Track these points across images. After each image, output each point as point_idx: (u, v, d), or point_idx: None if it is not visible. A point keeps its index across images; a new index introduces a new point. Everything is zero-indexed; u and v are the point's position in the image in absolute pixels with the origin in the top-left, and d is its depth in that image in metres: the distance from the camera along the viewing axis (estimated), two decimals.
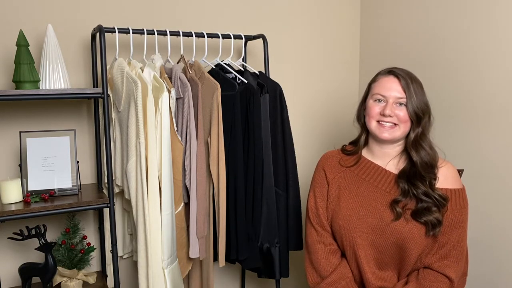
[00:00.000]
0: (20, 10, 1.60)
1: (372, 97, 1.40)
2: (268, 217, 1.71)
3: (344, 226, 1.38)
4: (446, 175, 1.37)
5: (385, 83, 1.38)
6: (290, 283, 2.23)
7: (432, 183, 1.33)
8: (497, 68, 1.65)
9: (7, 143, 1.62)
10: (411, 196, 1.33)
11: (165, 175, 1.52)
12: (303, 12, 2.18)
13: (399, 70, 1.39)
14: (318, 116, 2.27)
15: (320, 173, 1.51)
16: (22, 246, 1.67)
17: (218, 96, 1.59)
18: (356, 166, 1.46)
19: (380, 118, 1.37)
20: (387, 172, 1.41)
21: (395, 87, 1.36)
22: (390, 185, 1.39)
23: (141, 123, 1.46)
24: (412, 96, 1.34)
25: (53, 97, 1.44)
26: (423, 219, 1.29)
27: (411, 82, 1.36)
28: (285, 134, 1.75)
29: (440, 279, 1.31)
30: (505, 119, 1.64)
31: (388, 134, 1.36)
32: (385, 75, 1.40)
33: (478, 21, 1.71)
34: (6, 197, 1.45)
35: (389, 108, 1.35)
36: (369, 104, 1.41)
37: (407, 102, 1.34)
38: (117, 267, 1.55)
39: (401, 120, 1.35)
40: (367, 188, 1.41)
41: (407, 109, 1.34)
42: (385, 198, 1.37)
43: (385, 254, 1.35)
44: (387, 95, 1.36)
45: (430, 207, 1.29)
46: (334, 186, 1.46)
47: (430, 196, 1.30)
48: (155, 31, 1.63)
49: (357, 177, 1.44)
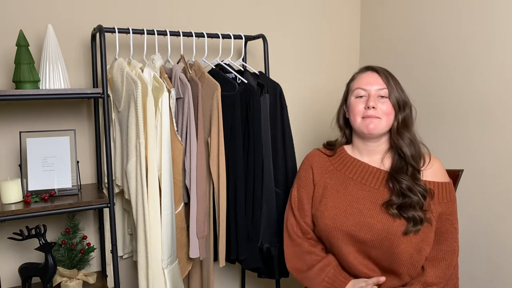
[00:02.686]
0: (20, 10, 1.60)
1: (353, 93, 1.42)
2: (268, 217, 1.71)
3: (331, 225, 1.38)
4: (434, 169, 1.39)
5: (365, 78, 1.41)
6: (290, 283, 2.23)
7: (416, 176, 1.34)
8: (497, 68, 1.65)
9: (7, 143, 1.62)
10: (399, 193, 1.33)
11: (165, 175, 1.52)
12: (303, 12, 2.18)
13: (376, 66, 1.44)
14: (318, 116, 2.27)
15: (307, 172, 1.51)
16: (22, 246, 1.67)
17: (218, 96, 1.59)
18: (343, 166, 1.47)
19: (365, 113, 1.38)
20: (374, 169, 1.42)
21: (376, 79, 1.39)
22: (378, 181, 1.39)
23: (141, 123, 1.46)
24: (393, 87, 1.38)
25: (53, 97, 1.44)
26: (407, 214, 1.30)
27: (389, 75, 1.41)
28: (285, 134, 1.75)
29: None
30: (504, 119, 1.64)
31: (373, 125, 1.37)
32: (363, 72, 1.44)
33: (478, 21, 1.71)
34: (6, 197, 1.45)
35: (372, 100, 1.37)
36: (351, 102, 1.43)
37: (389, 93, 1.37)
38: (117, 267, 1.55)
39: (385, 112, 1.37)
40: (355, 187, 1.41)
41: (390, 99, 1.38)
42: (374, 195, 1.37)
43: (375, 250, 1.34)
44: (368, 88, 1.39)
45: (414, 203, 1.30)
46: (320, 187, 1.47)
47: (413, 191, 1.32)
48: (155, 31, 1.63)
49: (344, 176, 1.44)
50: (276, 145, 1.73)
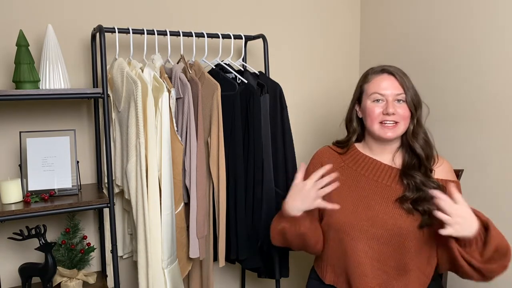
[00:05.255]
0: (20, 10, 1.60)
1: (370, 97, 1.40)
2: (268, 217, 1.71)
3: (343, 220, 1.38)
4: (444, 168, 1.40)
5: (381, 82, 1.39)
6: (290, 283, 2.23)
7: (428, 174, 1.36)
8: (498, 68, 1.65)
9: (7, 143, 1.62)
10: (413, 188, 1.34)
11: (165, 175, 1.52)
12: (303, 12, 2.18)
13: (390, 67, 1.41)
14: (318, 115, 2.27)
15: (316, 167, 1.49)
16: (22, 246, 1.67)
17: (218, 96, 1.59)
18: (354, 163, 1.47)
19: (383, 119, 1.37)
20: (385, 166, 1.42)
21: (392, 83, 1.38)
22: (390, 178, 1.40)
23: (141, 123, 1.46)
24: (409, 89, 1.38)
25: (53, 97, 1.44)
26: (422, 207, 1.31)
27: (404, 76, 1.39)
28: (285, 134, 1.75)
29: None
30: (505, 119, 1.64)
31: (391, 133, 1.37)
32: (378, 74, 1.41)
33: (478, 21, 1.71)
34: (6, 197, 1.45)
35: (391, 106, 1.36)
36: (368, 106, 1.40)
37: (405, 97, 1.37)
38: (117, 267, 1.55)
39: (402, 117, 1.37)
40: (366, 183, 1.41)
41: (407, 103, 1.37)
42: (386, 192, 1.38)
43: (385, 247, 1.34)
44: (386, 93, 1.37)
45: (428, 197, 1.30)
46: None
47: (427, 185, 1.32)
48: (155, 31, 1.63)
49: (356, 173, 1.44)
50: (276, 145, 1.73)
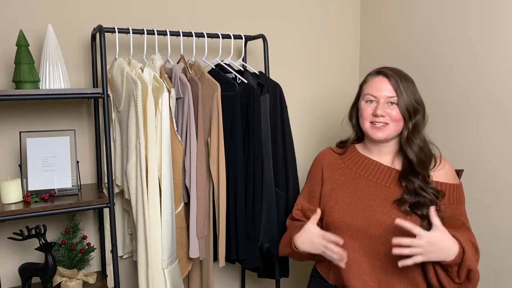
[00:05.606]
0: (20, 10, 1.60)
1: (364, 98, 1.43)
2: (268, 217, 1.71)
3: (340, 219, 1.39)
4: (445, 171, 1.39)
5: (375, 84, 1.40)
6: (290, 283, 2.23)
7: (426, 179, 1.35)
8: (497, 68, 1.65)
9: (7, 143, 1.62)
10: (411, 192, 1.34)
11: (165, 175, 1.52)
12: (303, 12, 2.18)
13: (389, 69, 1.41)
14: (318, 116, 2.27)
15: (316, 169, 1.54)
16: (22, 246, 1.67)
17: (218, 96, 1.59)
18: (354, 164, 1.48)
19: (372, 119, 1.39)
20: (385, 167, 1.43)
21: (385, 86, 1.38)
22: (389, 180, 1.40)
23: (141, 123, 1.46)
24: (403, 94, 1.36)
25: (53, 97, 1.44)
26: (421, 211, 1.31)
27: (400, 80, 1.38)
28: (285, 134, 1.75)
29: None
30: (504, 119, 1.64)
31: (381, 133, 1.39)
32: (374, 76, 1.42)
33: (478, 21, 1.71)
34: (6, 197, 1.45)
35: (380, 108, 1.37)
36: (361, 106, 1.43)
37: (398, 100, 1.36)
38: (117, 267, 1.55)
39: (393, 119, 1.37)
40: (365, 184, 1.42)
41: (399, 107, 1.36)
42: (384, 193, 1.38)
43: (382, 247, 1.34)
44: (377, 95, 1.38)
45: (427, 203, 1.31)
46: (329, 184, 1.48)
47: (426, 191, 1.33)
48: (155, 31, 1.63)
49: (355, 174, 1.45)
50: (276, 145, 1.73)
